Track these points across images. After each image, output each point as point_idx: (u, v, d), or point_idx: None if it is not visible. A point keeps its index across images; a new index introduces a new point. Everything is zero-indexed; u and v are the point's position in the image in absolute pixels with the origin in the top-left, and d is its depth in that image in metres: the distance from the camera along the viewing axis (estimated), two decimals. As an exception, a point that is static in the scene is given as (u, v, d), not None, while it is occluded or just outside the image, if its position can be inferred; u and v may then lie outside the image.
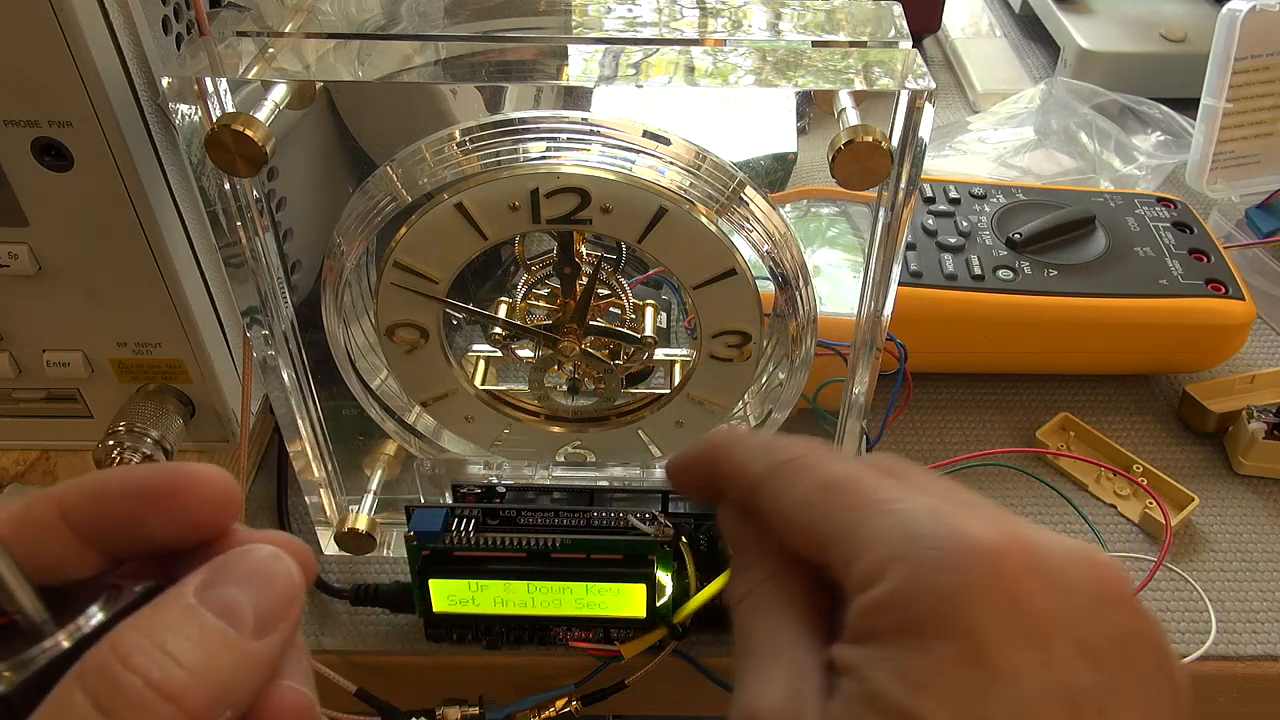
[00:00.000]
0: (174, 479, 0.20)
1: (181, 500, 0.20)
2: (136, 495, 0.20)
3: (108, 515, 0.20)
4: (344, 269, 0.36)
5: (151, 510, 0.20)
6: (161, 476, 0.20)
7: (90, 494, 0.20)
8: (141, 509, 0.20)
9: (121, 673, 0.17)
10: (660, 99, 0.35)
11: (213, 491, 0.20)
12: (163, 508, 0.20)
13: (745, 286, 0.36)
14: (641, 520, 0.39)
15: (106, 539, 0.20)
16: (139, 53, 0.36)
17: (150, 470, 0.20)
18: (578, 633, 0.42)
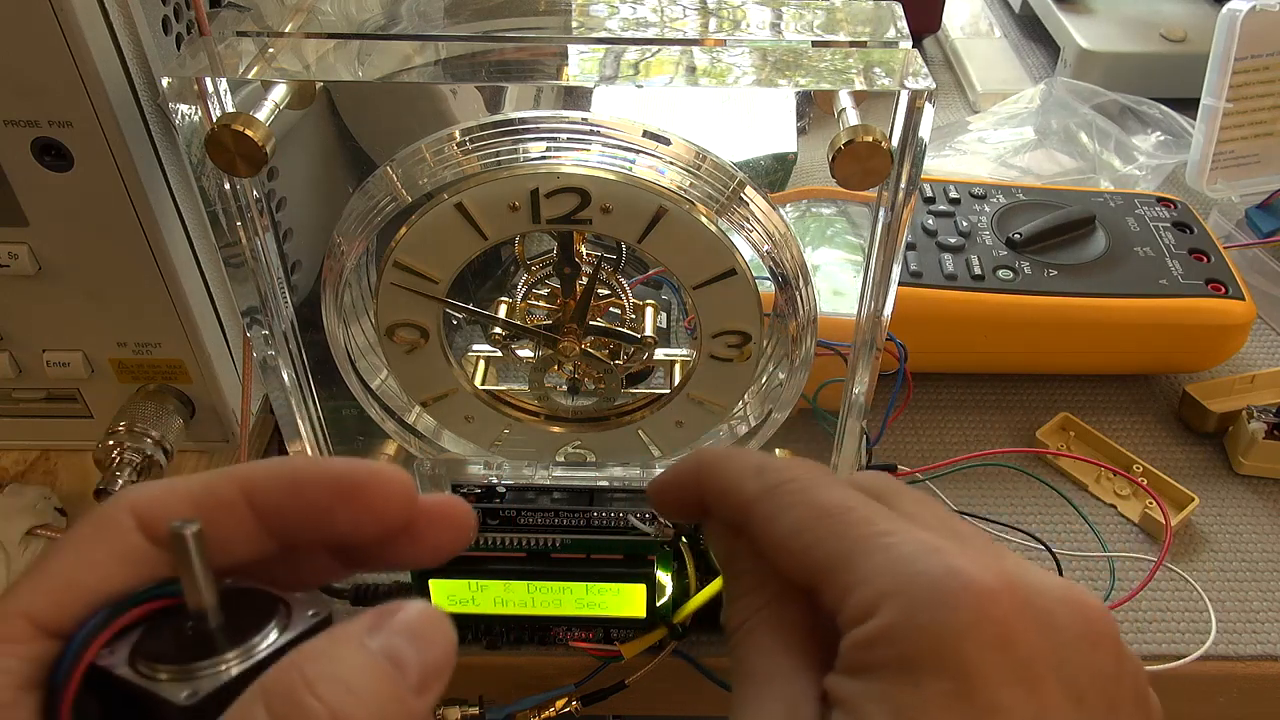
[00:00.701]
0: (366, 475, 0.20)
1: (371, 497, 0.20)
2: (330, 487, 0.20)
3: (298, 503, 0.20)
4: (344, 269, 0.36)
5: (342, 503, 0.20)
6: (356, 471, 0.20)
7: (283, 479, 0.20)
8: (333, 501, 0.20)
9: (309, 700, 0.17)
10: (660, 99, 0.35)
11: (400, 493, 0.21)
12: (353, 502, 0.20)
13: (745, 286, 0.36)
14: (641, 520, 0.39)
15: (289, 526, 0.21)
16: (139, 53, 0.36)
17: (344, 464, 0.21)
18: (578, 633, 0.42)
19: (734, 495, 0.23)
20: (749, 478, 0.23)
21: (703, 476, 0.25)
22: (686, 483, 0.25)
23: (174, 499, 0.20)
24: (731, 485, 0.24)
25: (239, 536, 0.20)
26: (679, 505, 0.26)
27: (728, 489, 0.24)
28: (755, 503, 0.23)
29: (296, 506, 0.20)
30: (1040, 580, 0.20)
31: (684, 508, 0.26)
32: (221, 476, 0.20)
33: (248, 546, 0.20)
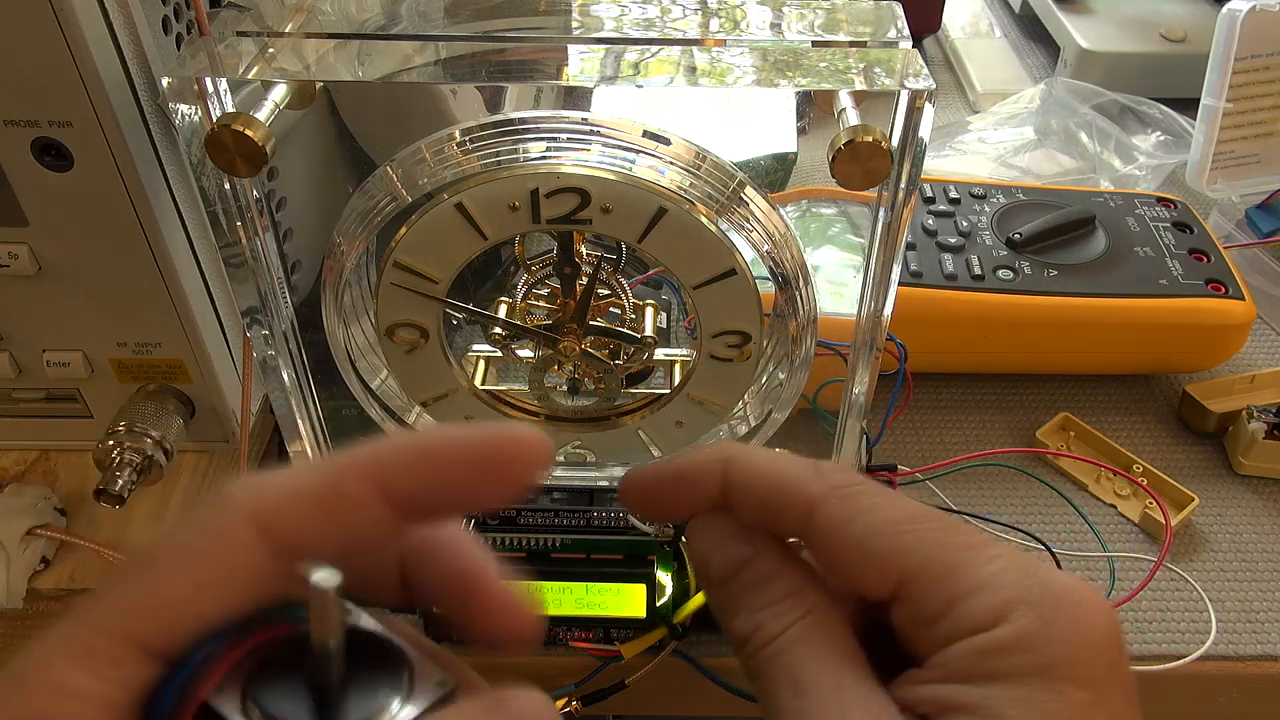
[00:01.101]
0: (507, 442, 0.19)
1: (514, 464, 0.19)
2: (470, 463, 0.19)
3: (438, 486, 0.19)
4: (344, 269, 0.36)
5: (486, 477, 0.19)
6: (496, 441, 0.19)
7: (418, 465, 0.19)
8: (477, 476, 0.19)
9: None
10: (660, 99, 0.35)
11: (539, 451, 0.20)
12: (497, 473, 0.19)
13: (745, 286, 0.36)
14: (641, 520, 0.39)
15: (425, 508, 0.19)
16: (139, 53, 0.36)
17: (480, 434, 0.19)
18: (578, 633, 0.42)
19: (789, 495, 0.22)
20: (811, 477, 0.22)
21: (731, 473, 0.23)
22: (695, 477, 0.24)
23: (298, 503, 0.18)
24: (786, 484, 0.22)
25: (369, 531, 0.19)
26: (669, 503, 0.24)
27: (778, 488, 0.22)
28: (823, 503, 0.22)
29: (436, 487, 0.19)
30: None
31: (672, 506, 0.24)
32: (348, 469, 0.19)
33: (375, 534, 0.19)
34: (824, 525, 0.22)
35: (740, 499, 0.23)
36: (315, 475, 0.19)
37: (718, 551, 0.23)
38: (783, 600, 0.22)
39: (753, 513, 0.23)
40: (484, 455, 0.19)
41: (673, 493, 0.24)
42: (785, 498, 0.22)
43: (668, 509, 0.25)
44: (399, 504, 0.19)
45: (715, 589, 0.23)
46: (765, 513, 0.23)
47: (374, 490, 0.18)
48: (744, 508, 0.23)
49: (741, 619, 0.22)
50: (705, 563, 0.23)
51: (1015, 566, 0.20)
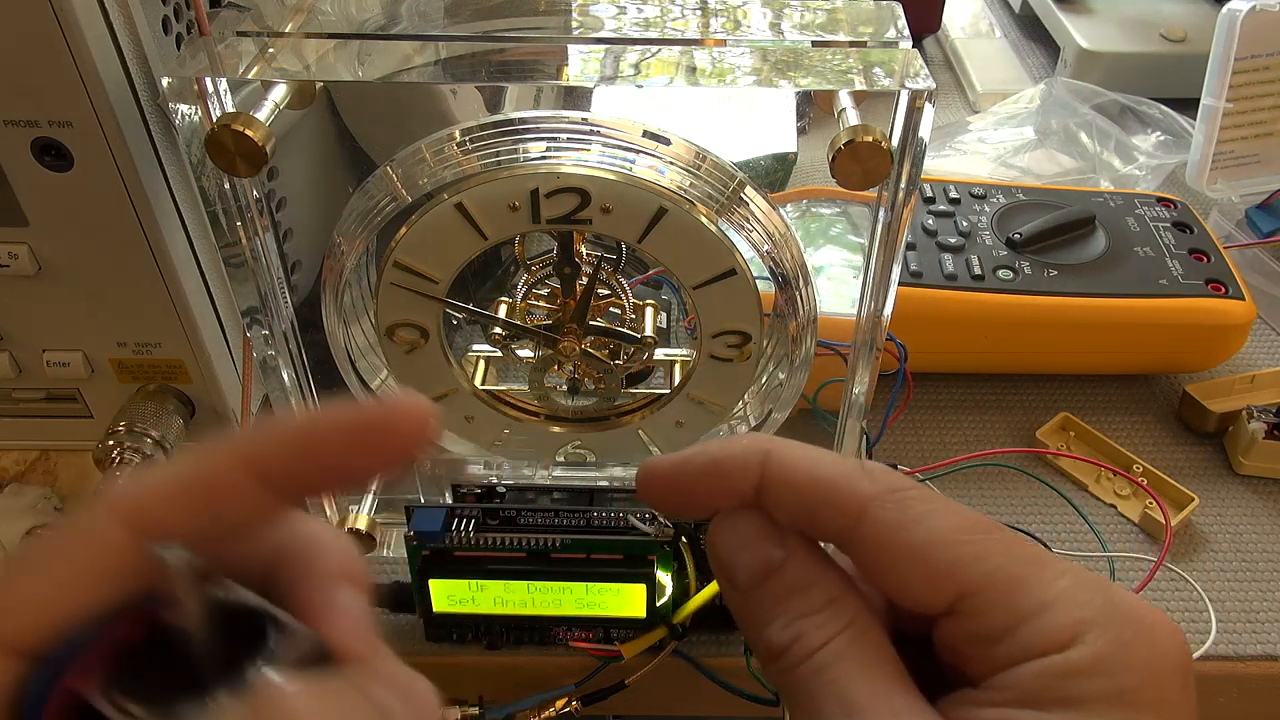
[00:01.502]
0: (384, 417, 0.19)
1: (393, 437, 0.19)
2: (348, 439, 0.19)
3: (314, 464, 0.19)
4: (344, 269, 0.36)
5: (362, 452, 0.19)
6: (373, 416, 0.19)
7: (293, 445, 0.19)
8: (353, 452, 0.19)
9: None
10: (660, 99, 0.35)
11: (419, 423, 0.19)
12: (374, 447, 0.19)
13: (745, 286, 0.36)
14: (641, 520, 0.39)
15: (301, 485, 0.19)
16: (139, 53, 0.36)
17: (359, 411, 0.19)
18: (578, 633, 0.42)
19: (837, 495, 0.20)
20: (861, 478, 0.20)
21: (770, 469, 0.21)
22: (728, 470, 0.21)
23: (165, 496, 0.18)
24: (834, 483, 0.21)
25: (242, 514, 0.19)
26: (696, 498, 0.22)
27: (824, 487, 0.21)
28: (876, 505, 0.20)
29: (314, 467, 0.19)
30: None
31: (698, 501, 0.22)
32: (218, 457, 0.19)
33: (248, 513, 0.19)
34: (875, 530, 0.20)
35: (779, 497, 0.21)
36: (184, 466, 0.19)
37: (746, 553, 0.21)
38: (823, 609, 0.20)
39: (791, 513, 0.21)
40: (363, 431, 0.19)
41: (701, 487, 0.22)
42: (832, 498, 0.20)
43: (693, 504, 0.22)
44: (272, 481, 0.19)
45: (743, 595, 0.21)
46: (807, 513, 0.21)
47: (245, 475, 0.18)
48: (782, 507, 0.21)
49: (776, 628, 0.21)
50: (731, 566, 0.21)
51: (1085, 584, 0.19)
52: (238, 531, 0.19)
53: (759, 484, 0.21)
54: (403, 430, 0.19)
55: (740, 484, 0.21)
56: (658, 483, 0.22)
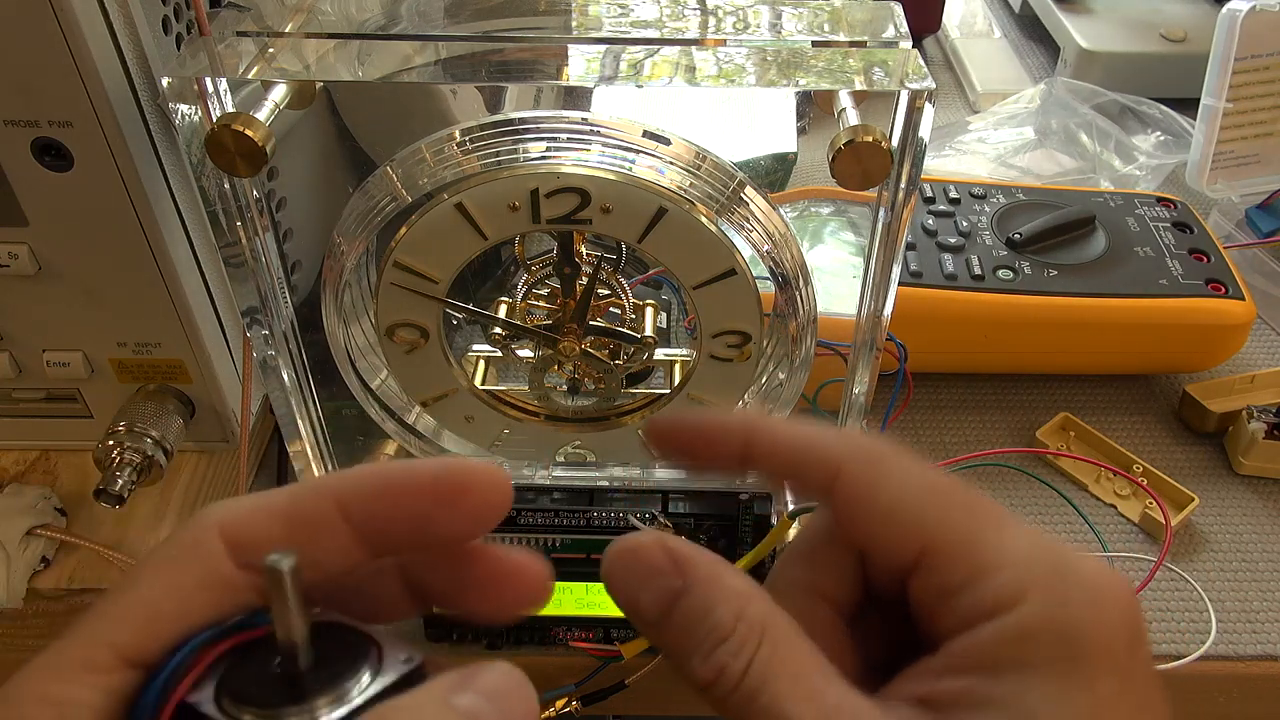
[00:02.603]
0: (465, 477, 0.20)
1: (471, 499, 0.20)
2: (427, 494, 0.20)
3: (395, 514, 0.20)
4: (344, 269, 0.36)
5: (441, 509, 0.20)
6: (452, 474, 0.20)
7: (375, 490, 0.20)
8: (431, 508, 0.20)
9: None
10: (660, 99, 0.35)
11: (498, 491, 0.20)
12: (452, 506, 0.20)
13: (745, 286, 0.36)
14: (641, 520, 0.39)
15: (384, 535, 0.20)
16: (139, 53, 0.36)
17: (438, 466, 0.20)
18: (578, 633, 0.42)
19: (813, 458, 0.22)
20: (835, 441, 0.22)
21: (753, 443, 0.23)
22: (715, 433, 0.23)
23: (265, 518, 0.19)
24: (811, 448, 0.22)
25: (332, 551, 0.20)
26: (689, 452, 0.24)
27: (802, 452, 0.22)
28: (849, 465, 0.22)
29: (392, 514, 0.20)
30: None
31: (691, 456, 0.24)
32: (312, 490, 0.20)
33: (340, 560, 0.20)
34: (849, 488, 0.21)
35: (764, 462, 0.23)
36: (281, 495, 0.20)
37: (644, 592, 0.21)
38: (734, 629, 0.20)
39: (775, 476, 0.23)
40: (441, 488, 0.19)
41: (693, 445, 0.24)
42: (810, 461, 0.22)
43: (687, 457, 0.24)
44: (359, 528, 0.19)
45: (654, 632, 0.21)
46: (789, 474, 0.23)
47: (335, 511, 0.19)
48: (766, 471, 0.23)
49: (697, 663, 0.20)
50: (635, 607, 0.22)
51: (1039, 545, 0.20)
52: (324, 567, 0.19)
53: (743, 452, 0.23)
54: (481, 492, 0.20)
55: (726, 451, 0.23)
56: (657, 434, 0.24)
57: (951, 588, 0.20)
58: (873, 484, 0.21)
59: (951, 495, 0.21)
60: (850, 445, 0.22)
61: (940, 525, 0.21)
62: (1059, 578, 0.19)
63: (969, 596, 0.20)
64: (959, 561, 0.20)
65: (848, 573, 0.23)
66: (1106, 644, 0.19)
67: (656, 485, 0.41)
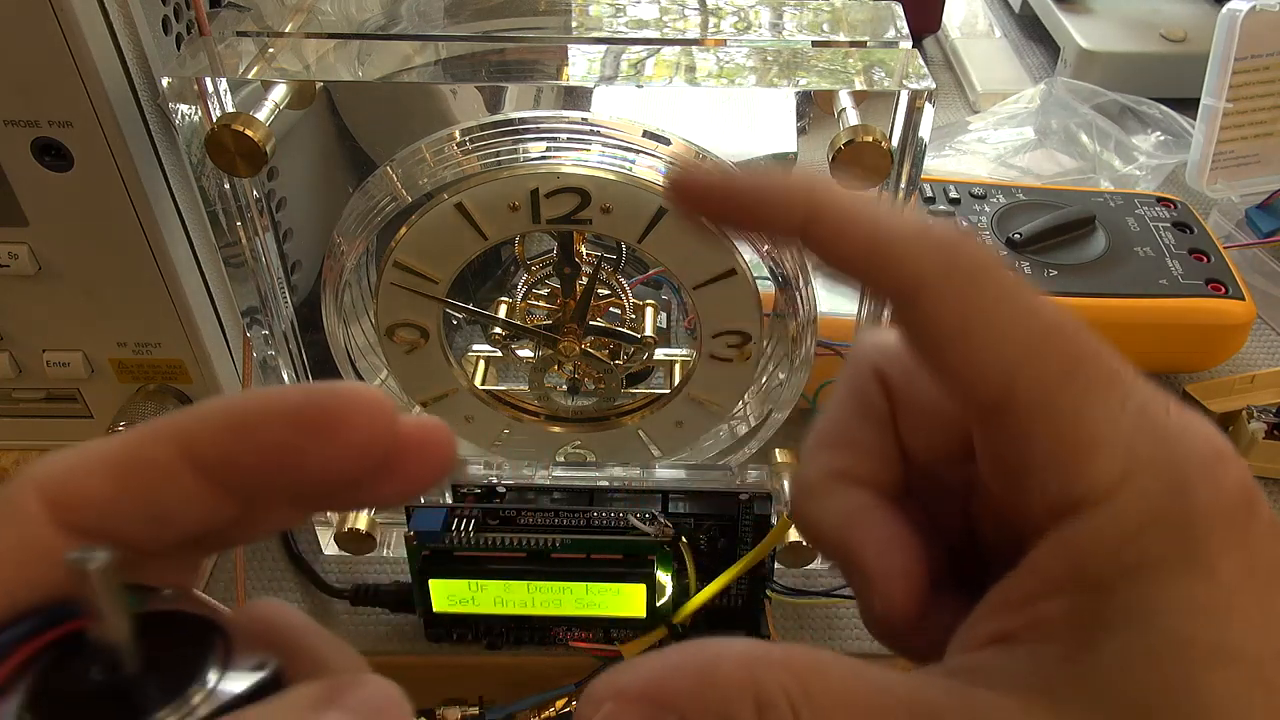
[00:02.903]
0: (332, 399, 0.16)
1: (346, 425, 0.16)
2: (291, 421, 0.16)
3: (252, 448, 0.16)
4: (344, 269, 0.36)
5: (310, 439, 0.16)
6: (319, 396, 0.16)
7: (228, 423, 0.16)
8: (298, 438, 0.16)
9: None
10: (660, 99, 0.35)
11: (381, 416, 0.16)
12: (324, 435, 0.16)
13: (745, 286, 0.36)
14: (641, 520, 0.39)
15: (245, 478, 0.16)
16: (139, 53, 0.36)
17: (303, 391, 0.16)
18: (578, 633, 0.42)
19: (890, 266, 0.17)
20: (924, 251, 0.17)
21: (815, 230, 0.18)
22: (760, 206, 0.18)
23: (92, 473, 0.16)
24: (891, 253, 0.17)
25: (183, 504, 0.16)
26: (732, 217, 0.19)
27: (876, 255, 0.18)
28: (934, 283, 0.17)
29: (251, 453, 0.16)
30: None
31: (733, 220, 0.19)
32: (149, 433, 0.16)
33: (196, 512, 0.16)
34: (931, 311, 0.17)
35: (825, 251, 0.18)
36: (113, 443, 0.16)
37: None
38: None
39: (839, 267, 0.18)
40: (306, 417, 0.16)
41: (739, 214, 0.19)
42: (887, 268, 0.18)
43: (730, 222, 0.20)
44: (212, 473, 0.16)
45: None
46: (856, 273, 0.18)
47: (179, 456, 0.16)
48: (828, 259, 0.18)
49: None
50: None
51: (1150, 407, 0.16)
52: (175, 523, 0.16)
53: (802, 231, 0.18)
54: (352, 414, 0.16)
55: (780, 227, 0.19)
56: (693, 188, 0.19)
57: (1035, 463, 0.16)
58: (962, 316, 0.17)
59: (1056, 340, 0.17)
60: (940, 255, 0.17)
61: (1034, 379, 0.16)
62: (1169, 451, 0.16)
63: (1059, 477, 0.16)
64: (1049, 429, 0.16)
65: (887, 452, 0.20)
66: (1227, 520, 0.16)
67: (656, 485, 0.41)
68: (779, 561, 0.41)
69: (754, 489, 0.40)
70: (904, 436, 0.20)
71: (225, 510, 0.16)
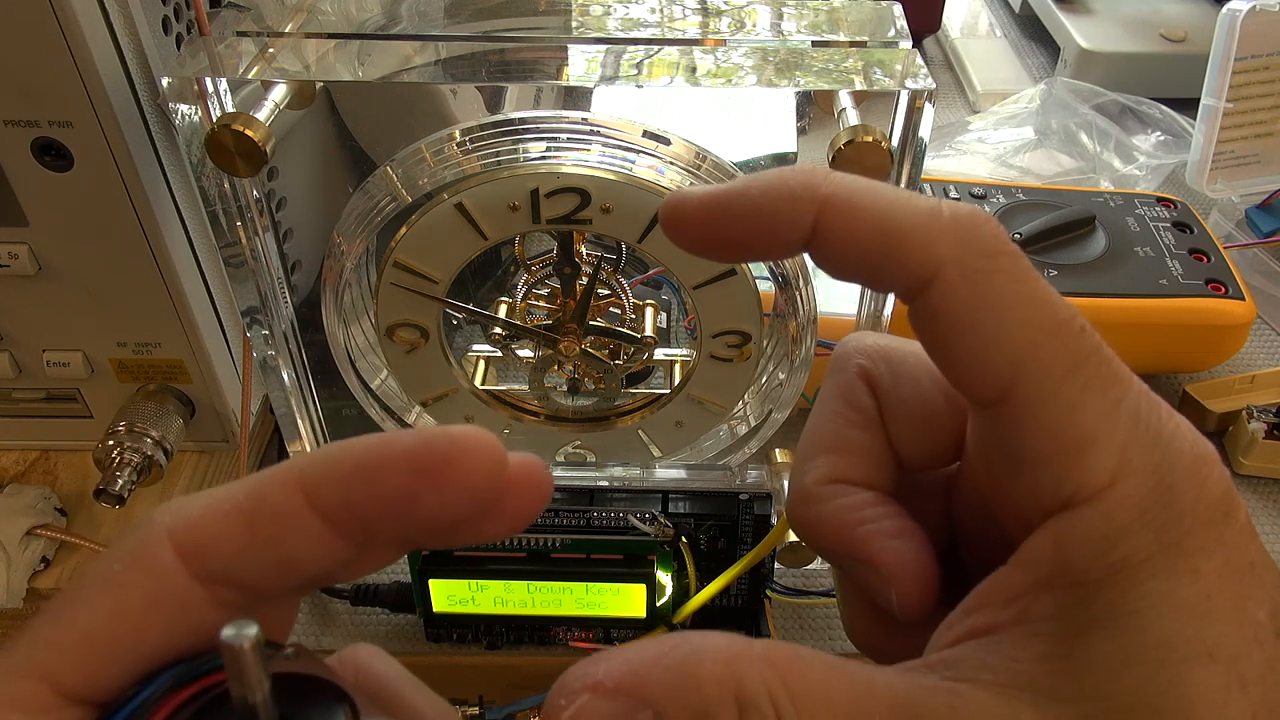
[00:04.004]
0: (448, 445, 0.16)
1: (460, 471, 0.16)
2: (407, 468, 0.16)
3: (374, 495, 0.16)
4: (344, 269, 0.36)
5: (427, 485, 0.16)
6: (436, 443, 0.16)
7: (347, 474, 0.16)
8: (415, 485, 0.16)
9: None
10: (660, 99, 0.35)
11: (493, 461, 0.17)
12: (439, 481, 0.16)
13: (745, 286, 0.36)
14: (641, 520, 0.39)
15: (363, 523, 0.16)
16: (139, 53, 0.36)
17: (418, 437, 0.16)
18: (578, 633, 0.42)
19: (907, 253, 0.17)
20: (939, 237, 0.17)
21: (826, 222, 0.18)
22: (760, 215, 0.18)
23: (221, 520, 0.16)
24: (906, 240, 0.17)
25: (304, 549, 0.16)
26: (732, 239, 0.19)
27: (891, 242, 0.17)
28: (949, 272, 0.17)
29: (371, 499, 0.16)
30: None
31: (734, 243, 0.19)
32: (273, 481, 0.16)
33: (316, 557, 0.16)
34: (942, 300, 0.17)
35: (835, 251, 0.18)
36: (238, 490, 0.16)
37: None
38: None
39: (849, 266, 0.18)
40: (422, 463, 0.16)
41: (739, 232, 0.19)
42: (902, 256, 0.17)
43: (729, 248, 0.19)
44: (334, 518, 0.16)
45: None
46: (868, 268, 0.18)
47: (303, 503, 0.16)
48: (838, 261, 0.18)
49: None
50: None
51: (1144, 410, 0.17)
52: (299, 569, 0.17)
53: (809, 236, 0.18)
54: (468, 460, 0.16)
55: (787, 236, 0.18)
56: (688, 220, 0.19)
57: (1030, 457, 0.16)
58: (973, 306, 0.17)
59: (1063, 334, 0.17)
60: (955, 238, 0.17)
61: (1039, 374, 0.16)
62: (1159, 453, 0.16)
63: (1053, 473, 0.16)
64: (1048, 424, 0.16)
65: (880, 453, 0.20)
66: (1208, 522, 0.16)
67: (656, 485, 0.41)
68: (779, 561, 0.41)
69: (754, 489, 0.40)
70: (890, 437, 0.20)
71: (340, 554, 0.16)
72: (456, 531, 0.17)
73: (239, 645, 0.14)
